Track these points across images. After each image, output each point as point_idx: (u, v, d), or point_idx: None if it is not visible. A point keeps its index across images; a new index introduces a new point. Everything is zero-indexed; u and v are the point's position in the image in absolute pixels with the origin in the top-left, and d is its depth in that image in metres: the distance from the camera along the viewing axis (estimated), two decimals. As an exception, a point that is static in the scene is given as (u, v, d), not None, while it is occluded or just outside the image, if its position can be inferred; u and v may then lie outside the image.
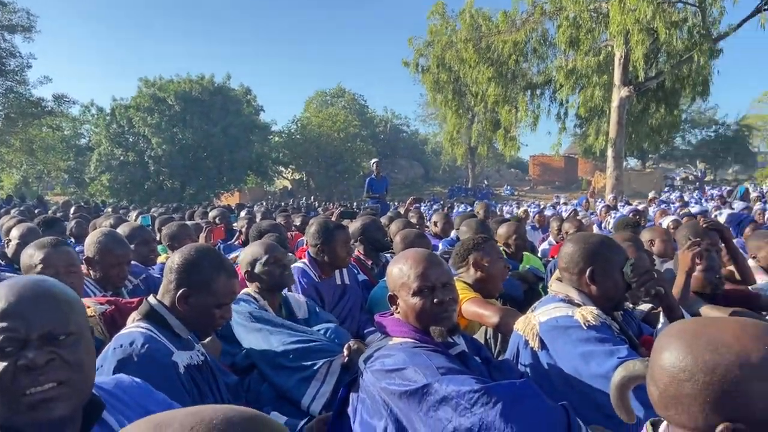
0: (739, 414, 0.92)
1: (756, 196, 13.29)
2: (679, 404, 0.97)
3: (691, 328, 1.01)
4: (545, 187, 38.02)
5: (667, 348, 1.00)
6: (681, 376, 0.96)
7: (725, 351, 0.93)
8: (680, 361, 0.97)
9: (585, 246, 2.11)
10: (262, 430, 0.66)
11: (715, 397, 0.92)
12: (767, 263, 4.01)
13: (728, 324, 0.99)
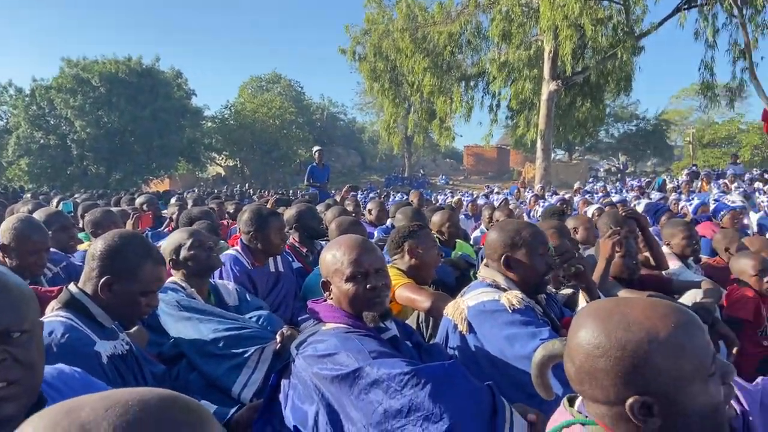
0: (647, 387, 0.98)
1: (672, 187, 14.06)
2: (593, 379, 1.02)
3: (605, 307, 1.07)
4: (479, 176, 38.84)
5: (583, 326, 1.06)
6: (595, 352, 1.01)
7: (636, 328, 1.00)
8: (595, 338, 1.02)
9: (502, 234, 2.19)
10: (178, 410, 0.65)
11: (626, 371, 0.98)
12: (680, 250, 4.26)
13: (639, 303, 1.06)
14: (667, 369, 0.98)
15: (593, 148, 41.69)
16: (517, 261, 2.17)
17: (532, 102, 20.75)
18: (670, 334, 0.99)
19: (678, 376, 0.98)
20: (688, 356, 0.99)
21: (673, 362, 0.98)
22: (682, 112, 42.57)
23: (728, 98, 19.61)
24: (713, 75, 18.69)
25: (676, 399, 0.98)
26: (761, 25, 16.92)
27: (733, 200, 8.39)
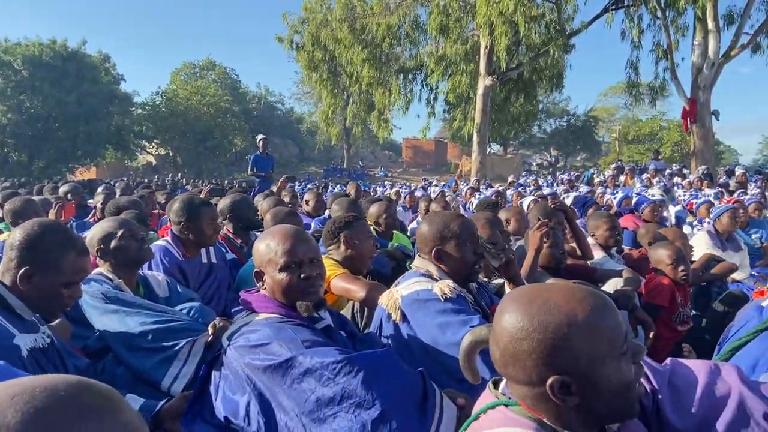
0: (566, 367, 1.03)
1: (599, 181, 14.66)
2: (516, 361, 1.07)
3: (528, 293, 1.12)
4: (417, 169, 39.20)
5: (507, 311, 1.11)
6: (519, 335, 1.06)
7: (556, 312, 1.05)
8: (518, 321, 1.07)
9: (431, 226, 2.25)
10: (87, 396, 0.64)
11: (547, 353, 1.03)
12: (604, 240, 4.47)
13: (558, 288, 1.11)
14: (583, 349, 1.03)
15: (527, 142, 42.89)
16: (447, 252, 2.22)
17: (469, 96, 21.12)
18: (587, 317, 1.05)
19: (594, 356, 1.03)
20: (602, 337, 1.04)
21: (589, 343, 1.03)
22: (610, 110, 44.36)
23: (651, 97, 20.62)
24: (638, 74, 19.59)
25: (592, 377, 1.04)
26: (682, 28, 17.83)
27: (654, 194, 8.85)
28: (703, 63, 17.04)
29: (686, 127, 18.20)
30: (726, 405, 1.21)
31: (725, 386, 1.24)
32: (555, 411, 1.07)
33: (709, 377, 1.25)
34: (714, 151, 19.79)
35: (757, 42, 17.56)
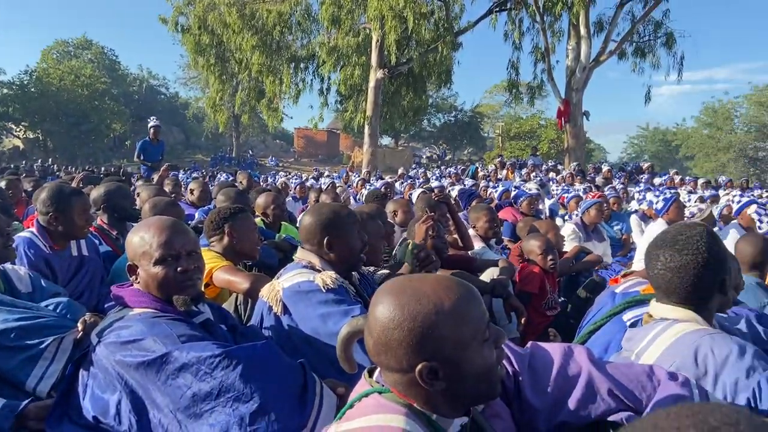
0: (434, 354, 1.09)
1: (483, 175, 15.36)
2: (389, 350, 1.12)
3: (399, 284, 1.17)
4: (309, 159, 38.87)
5: (380, 302, 1.15)
6: (390, 325, 1.11)
7: (425, 301, 1.11)
8: (390, 312, 1.11)
9: (320, 217, 2.26)
10: None
11: (416, 340, 1.09)
12: (483, 232, 4.71)
13: (428, 279, 1.17)
14: (450, 336, 1.10)
15: (417, 136, 43.89)
16: (334, 242, 2.25)
17: (361, 88, 21.25)
18: (453, 305, 1.11)
19: (459, 342, 1.10)
20: (467, 324, 1.11)
21: (455, 330, 1.10)
22: (494, 107, 46.37)
23: (530, 96, 21.89)
24: (518, 74, 20.73)
25: (457, 362, 1.11)
26: (558, 32, 19.09)
27: (531, 188, 9.42)
28: (576, 66, 18.33)
29: (561, 125, 19.53)
30: (577, 384, 1.34)
31: (577, 367, 1.36)
32: (424, 396, 1.13)
33: (563, 359, 1.38)
34: (585, 148, 21.35)
35: (623, 49, 19.18)
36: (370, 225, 2.86)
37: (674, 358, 1.55)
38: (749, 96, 40.41)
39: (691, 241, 1.63)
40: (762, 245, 3.11)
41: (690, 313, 1.65)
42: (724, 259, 1.65)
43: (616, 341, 2.00)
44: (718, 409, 0.52)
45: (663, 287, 1.69)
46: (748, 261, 3.10)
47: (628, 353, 1.72)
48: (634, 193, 10.28)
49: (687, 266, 1.62)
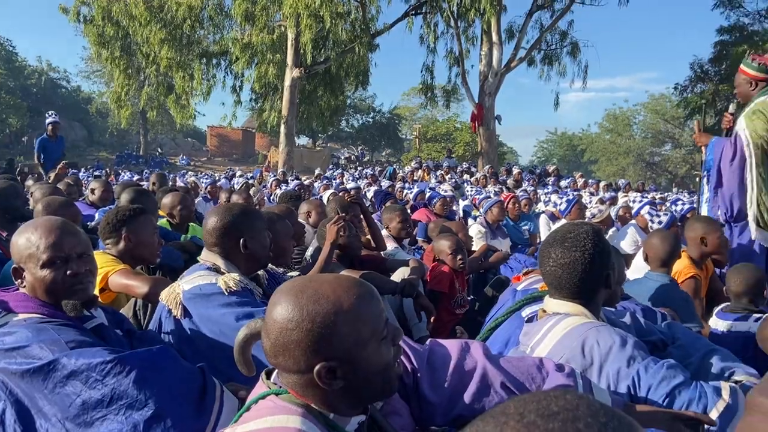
0: (333, 353, 1.09)
1: (401, 176, 15.57)
2: (286, 351, 1.10)
3: (298, 284, 1.16)
4: (223, 158, 37.86)
5: (278, 303, 1.14)
6: (289, 325, 1.10)
7: (324, 301, 1.10)
8: (288, 312, 1.10)
9: (225, 217, 2.20)
10: None
11: (315, 341, 1.08)
12: (397, 233, 4.77)
13: (327, 279, 1.17)
14: (349, 335, 1.10)
15: (335, 136, 43.87)
16: (239, 243, 2.20)
17: (276, 87, 20.95)
18: (352, 305, 1.12)
19: (358, 341, 1.11)
20: (366, 323, 1.12)
21: (354, 329, 1.11)
22: (412, 109, 47.17)
23: (445, 99, 22.44)
24: (433, 77, 21.19)
25: (355, 361, 1.11)
26: (472, 38, 19.68)
27: (445, 189, 9.65)
28: (489, 72, 18.98)
29: (474, 128, 20.15)
30: (472, 378, 1.38)
31: (473, 362, 1.41)
32: (322, 395, 1.13)
33: (460, 354, 1.41)
34: (498, 151, 22.13)
35: (532, 57, 20.05)
36: (278, 225, 2.82)
37: (564, 351, 1.64)
38: (646, 104, 43.52)
39: (578, 239, 1.72)
40: (672, 242, 3.34)
41: (579, 307, 1.75)
42: (608, 255, 1.76)
43: (515, 336, 2.08)
44: (562, 396, 0.55)
45: (554, 283, 1.77)
46: (659, 257, 3.32)
47: (525, 347, 1.80)
48: (541, 195, 10.76)
49: (575, 262, 1.71)
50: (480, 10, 16.88)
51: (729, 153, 3.86)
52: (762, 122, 3.78)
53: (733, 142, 3.87)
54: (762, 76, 3.95)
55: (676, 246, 3.34)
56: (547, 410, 0.51)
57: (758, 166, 3.76)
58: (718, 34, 22.59)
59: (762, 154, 3.76)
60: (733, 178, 3.85)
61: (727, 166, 3.88)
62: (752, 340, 2.50)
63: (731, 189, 3.87)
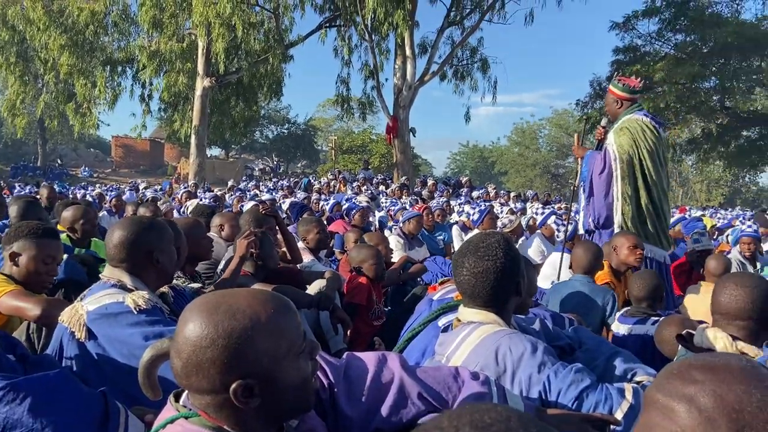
0: (250, 370, 1.05)
1: (317, 188, 15.48)
2: (200, 371, 1.04)
3: (211, 300, 1.11)
4: (129, 170, 36.12)
5: (190, 320, 1.07)
6: (203, 343, 1.04)
7: (240, 316, 1.06)
8: (202, 329, 1.05)
9: (131, 231, 2.09)
10: None
11: (231, 358, 1.03)
12: (313, 244, 4.72)
13: (242, 293, 1.12)
14: (266, 350, 1.06)
15: (249, 147, 43.02)
16: (148, 257, 2.10)
17: (187, 96, 20.29)
18: (270, 318, 1.08)
19: (275, 356, 1.07)
20: (284, 337, 1.09)
21: (272, 344, 1.07)
22: (327, 120, 47.10)
23: (361, 111, 22.59)
24: (349, 89, 21.29)
25: (273, 377, 1.07)
26: (385, 51, 19.96)
27: (361, 201, 9.69)
28: (403, 85, 19.31)
29: (390, 141, 20.39)
30: (389, 390, 1.37)
31: (390, 373, 1.40)
32: (237, 416, 1.08)
33: (377, 367, 1.40)
34: (413, 163, 22.49)
35: (444, 71, 20.61)
36: (182, 239, 2.72)
37: (479, 359, 1.67)
38: (551, 119, 45.98)
39: (490, 249, 1.77)
40: (595, 252, 3.53)
41: (492, 315, 1.79)
42: (519, 263, 1.82)
43: (431, 346, 2.10)
44: (494, 409, 0.57)
45: (468, 291, 1.81)
46: (581, 265, 3.51)
47: (440, 357, 1.82)
48: (455, 206, 11.03)
49: (488, 271, 1.75)
50: (393, 24, 17.14)
51: (599, 166, 4.17)
52: (627, 138, 4.11)
53: (602, 155, 4.20)
54: (627, 95, 4.30)
55: (598, 255, 3.57)
56: (481, 422, 0.53)
57: (623, 178, 4.09)
58: (614, 54, 24.22)
59: (627, 167, 4.09)
60: (601, 189, 4.17)
61: (597, 177, 4.20)
62: (651, 342, 2.66)
63: (600, 198, 4.19)
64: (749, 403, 0.83)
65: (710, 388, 0.86)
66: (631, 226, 4.13)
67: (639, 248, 3.86)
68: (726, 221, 10.70)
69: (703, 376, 0.88)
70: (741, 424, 0.83)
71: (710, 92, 22.90)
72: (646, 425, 0.92)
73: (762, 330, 1.82)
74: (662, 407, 0.90)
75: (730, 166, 27.22)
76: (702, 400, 0.86)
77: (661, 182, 4.24)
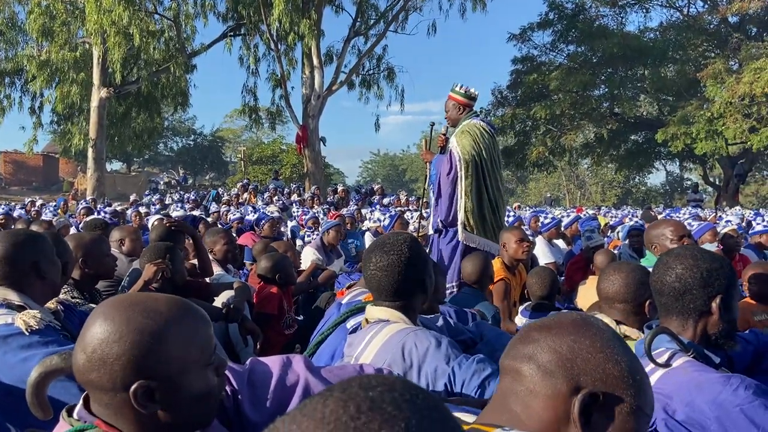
0: (154, 372, 1.03)
1: (226, 200, 15.12)
2: (104, 365, 1.02)
3: (128, 298, 1.11)
4: (20, 187, 33.63)
5: (102, 314, 1.06)
6: (112, 337, 1.02)
7: (157, 317, 1.05)
8: (115, 324, 1.03)
9: (15, 244, 1.98)
10: None
11: (139, 356, 1.02)
12: (222, 256, 4.62)
13: (163, 297, 1.12)
14: (176, 355, 1.05)
15: (153, 160, 41.34)
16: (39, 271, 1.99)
17: (82, 108, 19.22)
18: (186, 323, 1.08)
19: (185, 362, 1.07)
20: (196, 345, 1.09)
21: (183, 348, 1.06)
22: (235, 131, 46.10)
23: (270, 121, 22.32)
24: (257, 99, 20.97)
25: (178, 384, 1.06)
26: (292, 60, 19.83)
27: (272, 211, 9.59)
28: (311, 94, 19.28)
29: (300, 150, 20.26)
30: (295, 392, 1.38)
31: (294, 376, 1.41)
32: (133, 422, 1.05)
33: (281, 370, 1.41)
34: (324, 172, 22.44)
35: (352, 80, 20.77)
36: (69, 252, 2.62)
37: (386, 356, 1.72)
38: (455, 127, 47.21)
39: (396, 245, 1.83)
40: (481, 264, 3.66)
41: (397, 313, 1.85)
42: (425, 261, 1.89)
43: (340, 349, 2.13)
44: (381, 375, 0.61)
45: (375, 286, 1.86)
46: (468, 279, 3.63)
47: (349, 358, 1.85)
48: (366, 213, 11.15)
49: (392, 264, 1.81)
50: (299, 34, 17.10)
51: (446, 167, 4.45)
52: (469, 140, 4.41)
53: (449, 158, 4.48)
54: (466, 101, 4.63)
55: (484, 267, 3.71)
56: (368, 384, 0.57)
57: (466, 177, 4.38)
58: (512, 64, 25.38)
59: (470, 167, 4.39)
60: (448, 189, 4.45)
61: (444, 178, 4.47)
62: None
63: (447, 198, 4.46)
64: (580, 352, 0.92)
65: (546, 343, 0.94)
66: (473, 222, 4.42)
67: (525, 241, 4.19)
68: (618, 219, 11.46)
69: (539, 335, 0.96)
70: (575, 372, 0.91)
71: (600, 99, 24.48)
72: (501, 390, 0.99)
73: (640, 312, 1.99)
74: (510, 370, 0.97)
75: (620, 168, 29.17)
76: (540, 356, 0.93)
77: (497, 181, 4.60)
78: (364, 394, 0.56)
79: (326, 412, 0.54)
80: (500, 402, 0.98)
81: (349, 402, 0.55)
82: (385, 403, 0.55)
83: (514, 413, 0.95)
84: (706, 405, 1.36)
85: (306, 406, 0.57)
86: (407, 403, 0.56)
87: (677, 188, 43.21)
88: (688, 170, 33.49)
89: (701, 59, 22.48)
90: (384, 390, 0.57)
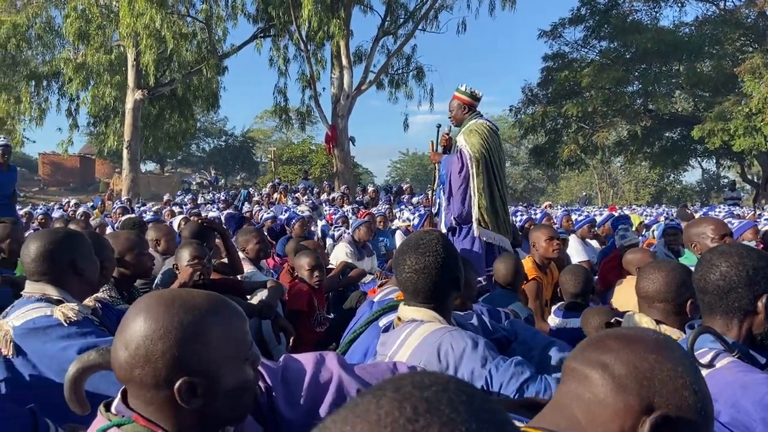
0: (197, 367, 1.04)
1: (256, 200, 15.27)
2: (147, 363, 1.02)
3: (167, 294, 1.11)
4: (58, 188, 34.56)
5: (144, 310, 1.06)
6: (155, 334, 1.03)
7: (198, 312, 1.06)
8: (156, 321, 1.04)
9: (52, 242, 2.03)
10: None
11: (182, 352, 1.03)
12: (254, 254, 4.67)
13: (200, 292, 1.14)
14: (218, 349, 1.06)
15: (185, 161, 42.01)
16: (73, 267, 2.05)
17: (116, 110, 19.64)
18: (227, 318, 1.10)
19: (225, 356, 1.08)
20: (236, 339, 1.10)
21: (224, 343, 1.08)
22: (266, 131, 46.55)
23: (300, 122, 22.47)
24: (287, 100, 21.12)
25: (218, 378, 1.07)
26: (322, 61, 19.93)
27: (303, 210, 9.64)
28: (341, 94, 19.34)
29: (329, 150, 20.35)
30: (328, 389, 1.38)
31: (328, 373, 1.41)
32: (174, 418, 1.06)
33: (315, 367, 1.41)
34: (353, 172, 22.51)
35: (381, 80, 20.77)
36: (108, 251, 2.66)
37: (422, 356, 1.70)
38: (486, 125, 46.78)
39: (430, 245, 1.81)
40: (514, 264, 3.60)
41: (432, 313, 1.82)
42: (456, 259, 1.87)
43: (373, 347, 2.12)
44: (434, 374, 0.60)
45: (410, 289, 1.84)
46: (502, 280, 3.58)
47: (382, 357, 1.84)
48: (396, 212, 11.14)
49: (429, 267, 1.79)
50: (329, 34, 17.17)
51: (457, 166, 4.46)
52: (477, 139, 4.42)
53: (459, 156, 4.49)
54: (471, 101, 4.65)
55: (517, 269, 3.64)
56: (422, 383, 0.56)
57: (478, 175, 4.39)
58: (543, 61, 25.06)
59: (480, 165, 4.40)
60: (459, 187, 4.46)
61: (456, 177, 4.48)
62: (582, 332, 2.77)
63: (459, 196, 4.47)
64: (660, 372, 0.89)
65: (624, 356, 0.91)
66: (487, 218, 4.42)
67: (555, 239, 4.16)
68: (653, 218, 11.22)
69: (618, 345, 0.93)
70: (651, 391, 0.89)
71: (634, 96, 24.00)
72: (562, 393, 0.97)
73: (681, 312, 1.93)
74: (578, 375, 0.94)
75: (654, 165, 28.57)
76: (616, 367, 0.91)
77: (503, 178, 4.65)
78: (419, 394, 0.55)
79: (381, 413, 0.53)
80: (561, 406, 0.97)
81: (404, 403, 0.54)
82: (443, 405, 0.54)
83: (576, 420, 0.93)
84: (752, 406, 1.32)
85: (358, 405, 0.55)
86: (464, 405, 0.55)
87: (713, 186, 42.13)
88: (726, 168, 32.55)
89: (738, 54, 21.87)
90: (438, 390, 0.55)
